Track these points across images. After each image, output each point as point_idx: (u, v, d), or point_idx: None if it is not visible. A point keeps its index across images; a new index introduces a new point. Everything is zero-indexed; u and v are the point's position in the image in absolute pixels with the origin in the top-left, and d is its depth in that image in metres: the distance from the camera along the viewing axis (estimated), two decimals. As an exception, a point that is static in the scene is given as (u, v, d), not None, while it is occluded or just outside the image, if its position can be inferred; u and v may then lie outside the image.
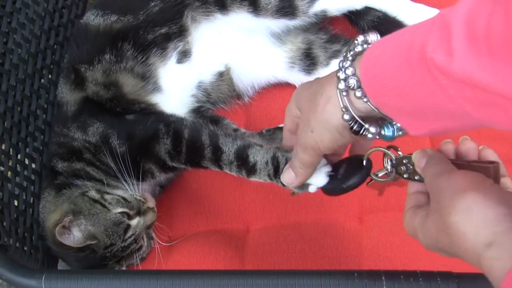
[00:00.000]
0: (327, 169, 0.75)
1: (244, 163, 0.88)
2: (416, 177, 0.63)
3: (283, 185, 0.83)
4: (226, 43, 1.09)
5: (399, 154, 0.67)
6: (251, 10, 1.06)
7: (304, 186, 0.77)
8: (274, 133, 1.03)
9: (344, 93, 0.58)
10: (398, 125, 0.59)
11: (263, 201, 1.02)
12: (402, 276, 0.67)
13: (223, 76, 1.09)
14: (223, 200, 1.04)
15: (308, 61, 1.10)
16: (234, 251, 0.97)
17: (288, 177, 0.72)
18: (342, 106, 0.58)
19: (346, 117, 0.58)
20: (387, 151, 0.67)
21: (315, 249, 0.94)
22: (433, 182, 0.57)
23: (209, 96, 1.09)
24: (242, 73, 1.11)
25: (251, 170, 0.87)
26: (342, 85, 0.58)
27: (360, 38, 0.60)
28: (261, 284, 0.70)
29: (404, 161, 0.65)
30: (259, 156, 0.87)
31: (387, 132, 0.60)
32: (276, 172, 0.85)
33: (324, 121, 0.61)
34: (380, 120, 0.60)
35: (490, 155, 0.63)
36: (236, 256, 0.96)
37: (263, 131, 1.04)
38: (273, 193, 1.02)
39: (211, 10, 1.06)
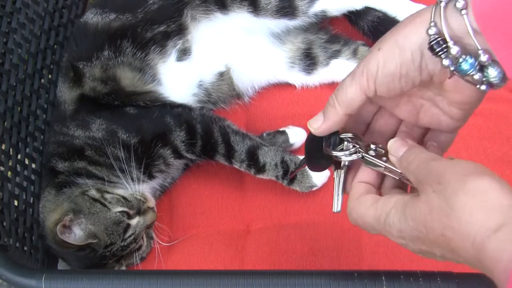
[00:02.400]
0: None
1: (254, 163, 0.97)
2: (382, 160, 0.57)
3: (288, 185, 0.98)
4: (226, 42, 1.09)
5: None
6: (251, 10, 1.06)
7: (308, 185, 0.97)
8: (274, 136, 1.04)
9: (443, 4, 0.50)
10: (484, 58, 0.49)
11: (263, 201, 1.02)
12: (402, 276, 0.67)
13: (223, 76, 1.10)
14: (223, 200, 1.04)
15: (308, 61, 1.10)
16: (234, 251, 0.97)
17: (316, 121, 0.59)
18: (432, 19, 0.51)
19: (431, 31, 0.50)
20: (352, 135, 0.60)
21: (315, 249, 0.94)
22: (428, 165, 0.52)
23: (210, 96, 1.09)
24: (242, 73, 1.11)
25: (260, 169, 0.98)
26: None
27: None
28: (261, 284, 0.70)
29: (372, 146, 0.58)
30: (268, 157, 0.97)
31: (466, 63, 0.50)
32: (285, 175, 0.97)
33: (402, 35, 0.52)
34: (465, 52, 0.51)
35: None
36: (236, 256, 0.96)
37: (264, 134, 1.05)
38: (273, 193, 1.02)
39: (211, 9, 1.06)
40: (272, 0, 1.05)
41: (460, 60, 0.50)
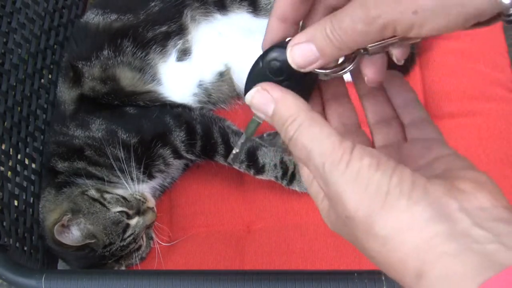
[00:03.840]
0: None
1: (254, 164, 0.97)
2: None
3: (287, 185, 0.97)
4: (226, 43, 1.09)
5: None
6: (250, 10, 1.06)
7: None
8: (274, 137, 1.04)
9: None
10: None
11: (263, 201, 1.02)
12: (402, 276, 0.67)
13: (224, 76, 1.10)
14: (223, 200, 1.04)
15: (308, 61, 1.10)
16: (234, 251, 0.97)
17: (302, 52, 0.40)
18: None
19: None
20: None
21: (315, 249, 0.94)
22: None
23: (210, 96, 1.09)
24: (242, 73, 1.11)
25: (259, 170, 0.97)
26: None
27: None
28: (261, 284, 0.70)
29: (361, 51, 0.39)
30: (267, 158, 0.97)
31: None
32: (284, 175, 0.97)
33: None
34: None
35: None
36: (236, 256, 0.96)
37: (264, 135, 1.05)
38: (273, 193, 1.01)
39: (210, 10, 1.07)
40: (272, 0, 1.05)
41: None
